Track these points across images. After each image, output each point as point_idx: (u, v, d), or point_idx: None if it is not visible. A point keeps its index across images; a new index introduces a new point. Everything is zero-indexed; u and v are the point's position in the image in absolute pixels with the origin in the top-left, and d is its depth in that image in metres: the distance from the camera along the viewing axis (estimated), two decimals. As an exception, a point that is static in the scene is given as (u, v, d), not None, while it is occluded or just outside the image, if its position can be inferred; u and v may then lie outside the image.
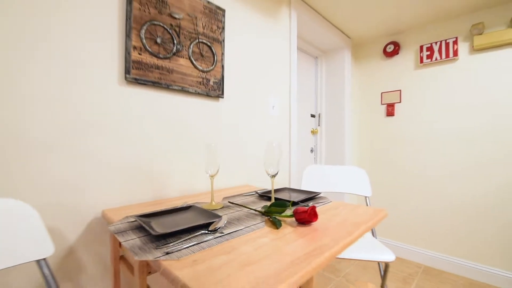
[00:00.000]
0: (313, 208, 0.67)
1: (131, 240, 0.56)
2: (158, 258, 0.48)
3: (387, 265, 1.18)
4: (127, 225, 0.67)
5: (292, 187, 1.59)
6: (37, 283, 0.72)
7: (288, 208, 0.75)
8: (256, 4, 1.43)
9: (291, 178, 1.66)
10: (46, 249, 0.62)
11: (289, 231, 0.64)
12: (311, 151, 2.41)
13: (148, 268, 0.66)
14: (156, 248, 0.52)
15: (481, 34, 1.84)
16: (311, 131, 2.40)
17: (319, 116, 2.46)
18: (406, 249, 2.19)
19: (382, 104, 2.35)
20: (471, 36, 1.89)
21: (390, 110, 2.29)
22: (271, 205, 0.76)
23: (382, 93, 2.35)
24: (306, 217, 0.67)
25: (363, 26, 2.12)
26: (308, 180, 1.39)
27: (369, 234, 1.34)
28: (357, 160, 2.51)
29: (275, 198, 0.93)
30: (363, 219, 0.72)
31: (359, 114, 2.52)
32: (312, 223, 0.69)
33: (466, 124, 1.92)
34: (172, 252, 0.50)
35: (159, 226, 0.62)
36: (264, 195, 1.01)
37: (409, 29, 2.18)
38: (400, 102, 2.24)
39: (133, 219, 0.71)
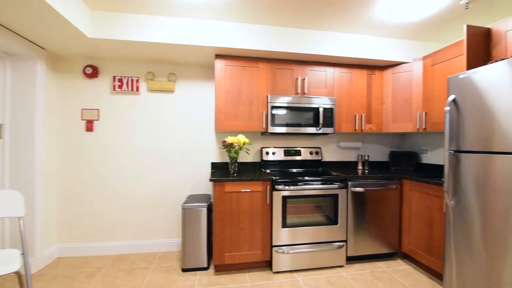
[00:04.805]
0: None
1: None
2: None
3: (18, 275, 1.35)
4: None
5: None
6: None
7: None
8: None
9: None
10: None
11: None
12: (-16, 167, 2.01)
13: None
14: None
15: (152, 80, 2.65)
16: (-15, 144, 2.01)
17: (0, 126, 2.12)
18: (101, 247, 2.55)
19: (82, 119, 2.54)
20: (147, 80, 2.66)
21: (89, 126, 2.54)
22: None
23: (82, 109, 2.54)
24: None
25: (57, 42, 2.17)
26: None
27: (15, 251, 1.44)
28: (53, 171, 2.49)
29: None
30: None
31: (57, 127, 2.51)
32: None
33: (146, 143, 2.65)
34: None
35: None
36: None
37: (105, 59, 2.58)
38: (98, 119, 2.57)
39: None
